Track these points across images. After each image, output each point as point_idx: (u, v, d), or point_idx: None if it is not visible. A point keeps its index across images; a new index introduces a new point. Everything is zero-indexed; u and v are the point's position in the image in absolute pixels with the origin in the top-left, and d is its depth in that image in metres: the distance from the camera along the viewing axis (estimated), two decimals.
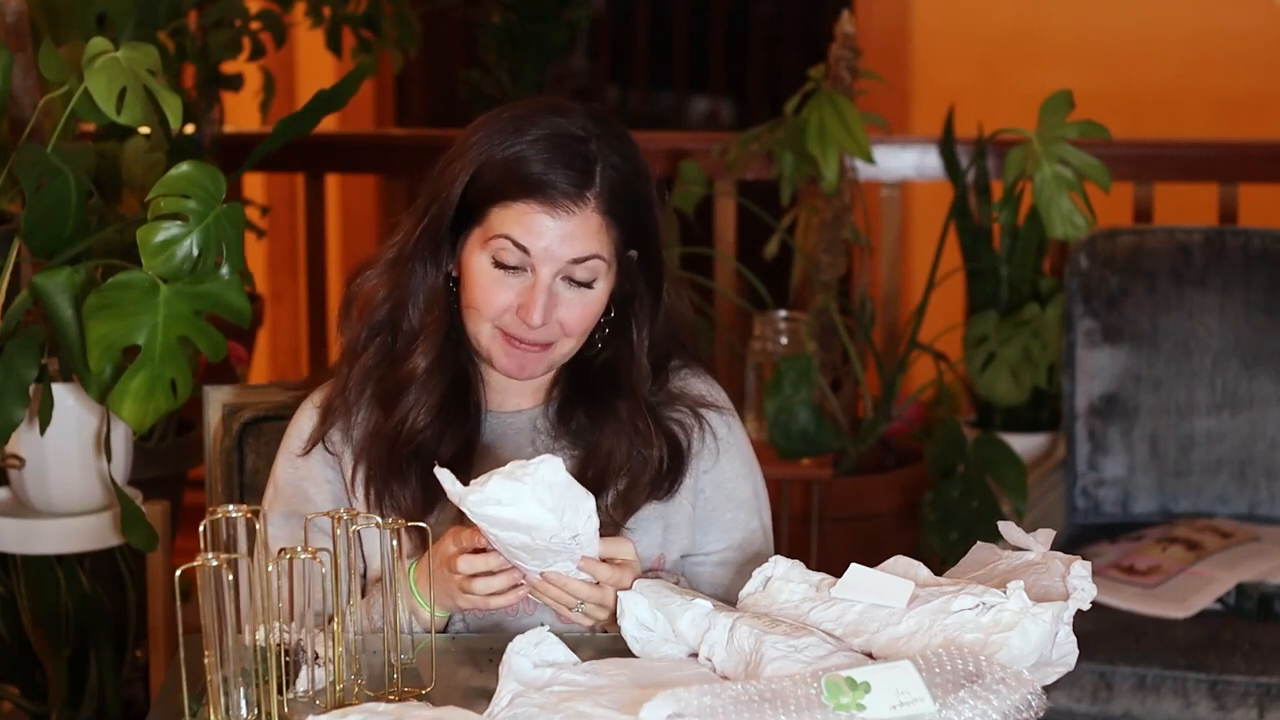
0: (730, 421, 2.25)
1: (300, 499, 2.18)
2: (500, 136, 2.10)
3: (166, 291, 2.51)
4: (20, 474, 2.92)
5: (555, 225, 2.07)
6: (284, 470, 2.21)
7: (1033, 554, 1.95)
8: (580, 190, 2.08)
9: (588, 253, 2.09)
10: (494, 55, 4.77)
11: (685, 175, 4.16)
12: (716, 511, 2.23)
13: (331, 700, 1.86)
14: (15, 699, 3.16)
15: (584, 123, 2.11)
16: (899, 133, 4.56)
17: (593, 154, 2.09)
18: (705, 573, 2.23)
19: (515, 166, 2.08)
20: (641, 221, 2.14)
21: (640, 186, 2.14)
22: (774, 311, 4.03)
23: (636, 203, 2.13)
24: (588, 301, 2.12)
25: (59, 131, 2.68)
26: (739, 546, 2.23)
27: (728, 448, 2.24)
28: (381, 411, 2.16)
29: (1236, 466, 3.51)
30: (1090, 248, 3.56)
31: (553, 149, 2.08)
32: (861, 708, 1.65)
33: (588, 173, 2.08)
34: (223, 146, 4.36)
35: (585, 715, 1.70)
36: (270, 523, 2.16)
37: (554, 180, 2.07)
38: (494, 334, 2.13)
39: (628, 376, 2.18)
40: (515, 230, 2.08)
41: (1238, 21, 5.28)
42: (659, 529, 2.19)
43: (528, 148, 2.08)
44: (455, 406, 2.17)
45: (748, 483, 2.26)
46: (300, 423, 2.22)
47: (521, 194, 2.07)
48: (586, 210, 2.08)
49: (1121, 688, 3.12)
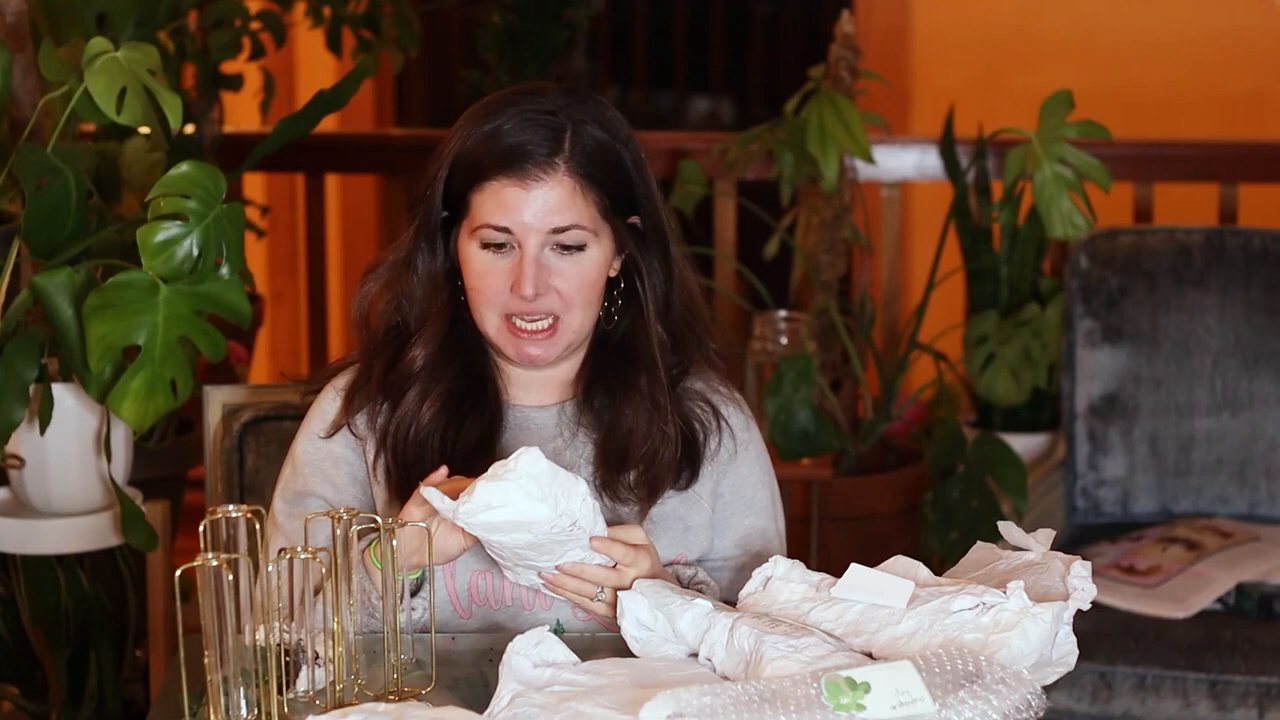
0: (749, 424, 2.26)
1: (318, 478, 2.18)
2: (473, 125, 2.12)
3: (166, 291, 2.51)
4: (20, 474, 2.92)
5: (528, 195, 2.08)
6: (304, 449, 2.21)
7: (1033, 554, 1.95)
8: (549, 157, 2.08)
9: (566, 222, 2.09)
10: (494, 55, 4.76)
11: (685, 175, 4.16)
12: (734, 517, 2.23)
13: (331, 700, 1.86)
14: (15, 699, 3.16)
15: (556, 98, 2.12)
16: (899, 133, 4.56)
17: (561, 123, 2.10)
18: (721, 579, 2.23)
19: (486, 145, 2.09)
20: (627, 185, 2.14)
21: (620, 148, 2.13)
22: (774, 311, 4.03)
23: (617, 165, 2.13)
24: (581, 268, 2.12)
25: (59, 131, 2.68)
26: (756, 555, 2.23)
27: (746, 446, 2.24)
28: (390, 403, 2.16)
29: (1236, 466, 3.51)
30: (1090, 248, 3.56)
31: (521, 122, 2.09)
32: (861, 708, 1.65)
33: (556, 139, 2.09)
34: (223, 146, 4.36)
35: (585, 715, 1.70)
36: (283, 499, 2.17)
37: (521, 150, 2.08)
38: (500, 325, 2.13)
39: (647, 347, 2.17)
40: (493, 213, 2.09)
41: (1238, 21, 5.28)
42: (679, 529, 2.19)
43: (499, 126, 2.10)
44: (468, 398, 2.17)
45: (765, 490, 2.26)
46: (324, 404, 2.22)
47: (493, 172, 2.09)
48: (558, 175, 2.08)
49: (1121, 688, 3.12)
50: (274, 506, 2.20)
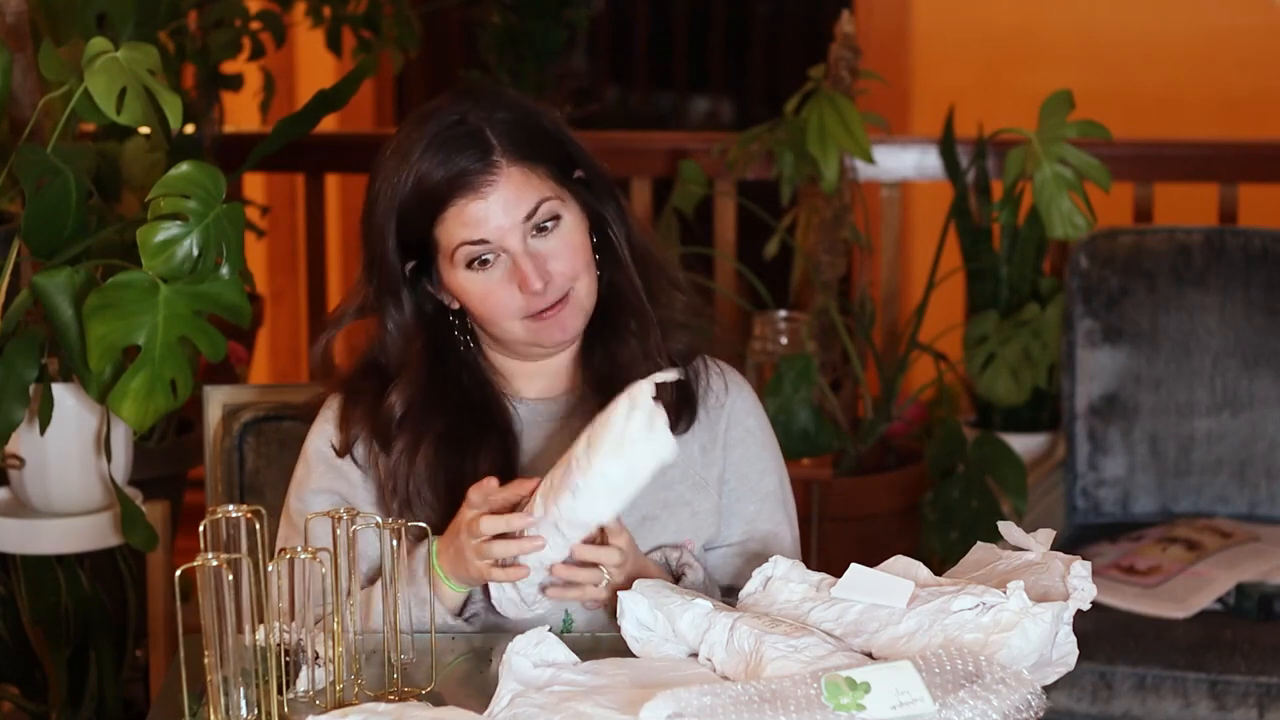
0: (754, 409, 2.28)
1: (333, 475, 2.18)
2: (394, 171, 2.13)
3: (166, 291, 2.51)
4: (20, 474, 2.92)
5: (488, 204, 2.09)
6: (317, 447, 2.21)
7: (1033, 554, 1.95)
8: (485, 158, 2.09)
9: (531, 204, 2.10)
10: (494, 55, 4.76)
11: (685, 175, 4.15)
12: (740, 503, 2.24)
13: (331, 700, 1.86)
14: (15, 699, 3.16)
15: (452, 106, 2.13)
16: (899, 133, 4.56)
17: (474, 125, 2.10)
18: (728, 566, 2.23)
19: (421, 184, 2.10)
20: (559, 144, 2.15)
21: (536, 120, 2.15)
22: (774, 311, 4.03)
23: (542, 134, 2.14)
24: (567, 236, 2.13)
25: (59, 131, 2.68)
26: (761, 539, 2.24)
27: (752, 432, 2.26)
28: (380, 449, 2.17)
29: (1236, 466, 3.51)
30: (1090, 248, 3.56)
31: (440, 147, 2.10)
32: (861, 708, 1.65)
33: (481, 143, 2.10)
34: (223, 146, 4.36)
35: (585, 715, 1.70)
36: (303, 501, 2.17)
37: (458, 169, 2.09)
38: (523, 326, 2.14)
39: (631, 293, 2.19)
40: (462, 231, 2.10)
41: (1238, 21, 5.28)
42: (685, 515, 2.20)
43: (420, 163, 2.10)
44: (475, 426, 2.17)
45: (773, 476, 2.27)
46: (322, 426, 2.22)
47: (443, 201, 2.10)
48: (503, 171, 2.10)
49: (1121, 688, 3.12)
50: (287, 501, 2.21)
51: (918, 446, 4.10)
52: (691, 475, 2.21)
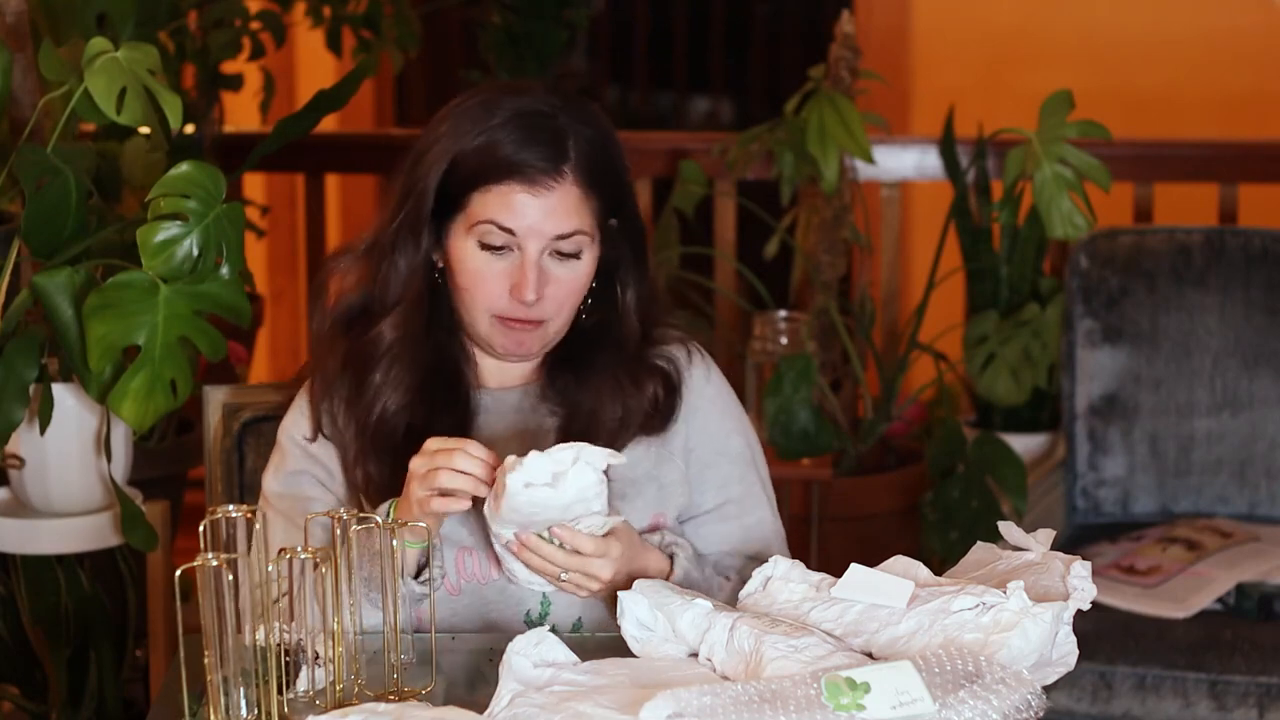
0: (710, 374, 2.27)
1: (308, 459, 2.20)
2: (470, 123, 2.12)
3: (166, 291, 2.51)
4: (20, 474, 2.92)
5: (537, 202, 2.10)
6: (290, 434, 2.22)
7: (1033, 554, 1.95)
8: (557, 164, 2.10)
9: (571, 228, 2.11)
10: (494, 55, 4.76)
11: (685, 175, 4.15)
12: (709, 469, 2.24)
13: (331, 700, 1.86)
14: (15, 699, 3.16)
15: (548, 99, 2.14)
16: (899, 133, 4.56)
17: (563, 128, 2.11)
18: (705, 532, 2.23)
19: (490, 150, 2.10)
20: (618, 188, 2.17)
21: (614, 153, 2.16)
22: (774, 311, 4.03)
23: (612, 170, 2.15)
24: (576, 275, 2.14)
25: (59, 131, 2.68)
26: (738, 500, 2.24)
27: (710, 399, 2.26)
28: (354, 387, 2.17)
29: (1236, 466, 3.51)
30: (1090, 248, 3.56)
31: (523, 128, 2.10)
32: (861, 708, 1.65)
33: (561, 147, 2.10)
34: (223, 146, 4.36)
35: (585, 715, 1.70)
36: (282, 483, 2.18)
37: (530, 158, 2.09)
38: (491, 321, 2.15)
39: (615, 337, 2.20)
40: (498, 212, 2.10)
41: (1238, 21, 5.28)
42: (653, 490, 2.20)
43: (498, 130, 2.11)
44: (440, 387, 2.18)
45: (739, 437, 2.27)
46: (295, 416, 2.23)
47: (500, 176, 2.10)
48: (565, 184, 2.10)
49: (1121, 688, 3.12)
50: (265, 487, 2.21)
51: (918, 446, 4.10)
52: (654, 449, 2.21)
